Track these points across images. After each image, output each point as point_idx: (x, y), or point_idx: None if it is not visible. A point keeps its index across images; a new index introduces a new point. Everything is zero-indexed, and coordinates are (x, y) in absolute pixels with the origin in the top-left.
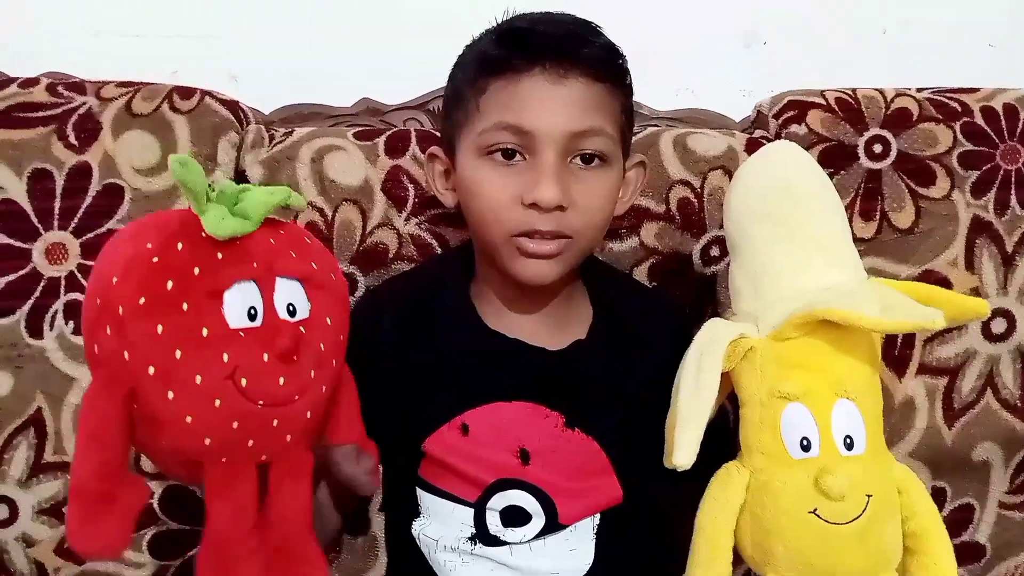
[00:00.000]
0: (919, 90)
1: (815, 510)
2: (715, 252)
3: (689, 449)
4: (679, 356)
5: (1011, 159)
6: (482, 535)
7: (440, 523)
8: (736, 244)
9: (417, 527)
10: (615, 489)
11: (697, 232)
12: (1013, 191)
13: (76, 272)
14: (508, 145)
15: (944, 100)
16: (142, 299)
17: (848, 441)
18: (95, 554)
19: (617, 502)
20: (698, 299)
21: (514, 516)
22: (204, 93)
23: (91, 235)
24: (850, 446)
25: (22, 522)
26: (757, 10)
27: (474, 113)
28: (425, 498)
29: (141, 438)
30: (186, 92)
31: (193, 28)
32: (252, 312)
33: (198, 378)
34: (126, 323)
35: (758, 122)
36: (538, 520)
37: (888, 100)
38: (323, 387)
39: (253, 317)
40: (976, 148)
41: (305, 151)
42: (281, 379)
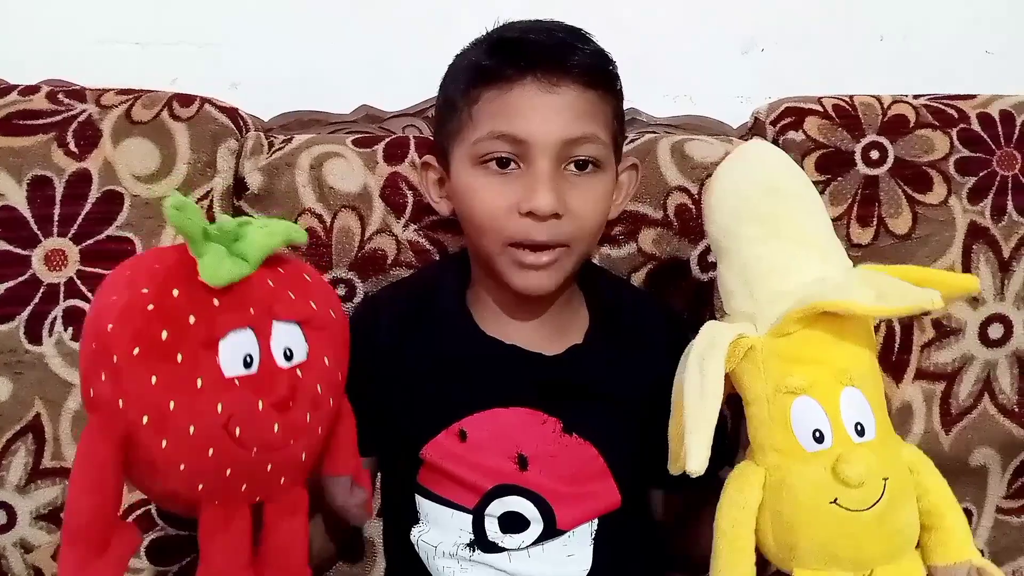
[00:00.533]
0: (916, 97)
1: (835, 500)
2: (712, 258)
3: (701, 455)
4: (676, 360)
5: (1008, 165)
6: (480, 541)
7: (439, 529)
8: (722, 246)
9: (416, 533)
10: (613, 494)
11: (695, 238)
12: (1010, 197)
13: (75, 279)
14: (502, 154)
15: (941, 107)
16: (136, 349)
17: (859, 428)
18: None
19: (615, 507)
20: (696, 305)
21: (512, 522)
22: (203, 100)
23: (91, 242)
24: (861, 432)
25: (20, 528)
26: (755, 17)
27: (467, 123)
28: (424, 504)
29: (137, 479)
30: (186, 99)
31: (193, 36)
32: (248, 360)
33: (191, 428)
34: (121, 371)
35: (755, 129)
36: (536, 526)
37: (885, 107)
38: (319, 428)
39: (249, 364)
40: (973, 154)
41: (304, 158)
42: (276, 426)
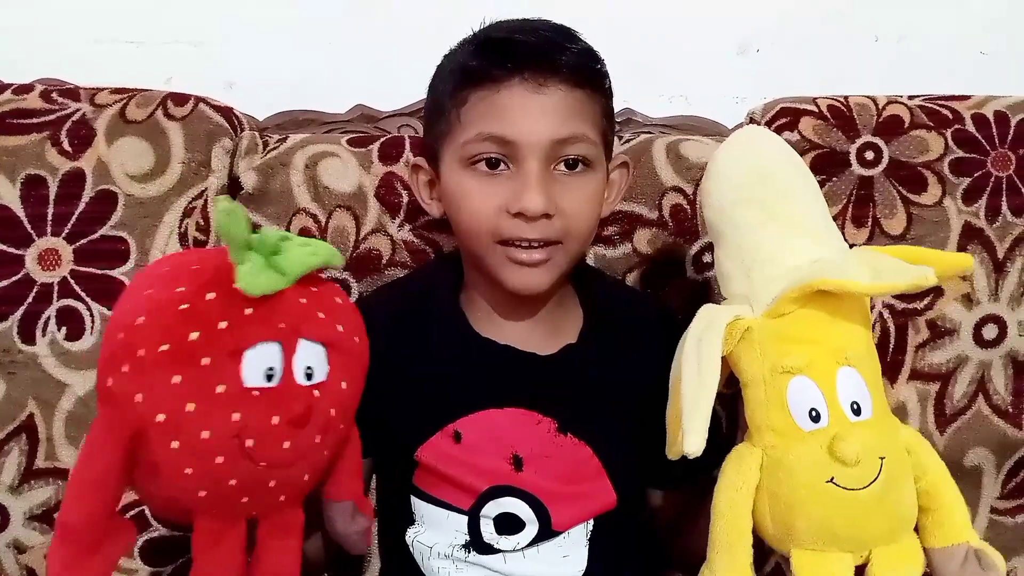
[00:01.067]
0: (911, 97)
1: (832, 479)
2: (708, 259)
3: (698, 436)
4: (671, 359)
5: (1002, 166)
6: (476, 543)
7: (434, 531)
8: (719, 230)
9: (411, 535)
10: (608, 494)
11: (690, 238)
12: (1004, 198)
13: (69, 278)
14: (491, 155)
15: (935, 107)
16: (165, 346)
17: (855, 407)
18: None
19: (611, 507)
20: (691, 305)
21: (508, 524)
22: (198, 100)
23: (84, 241)
24: (857, 411)
25: (13, 528)
26: (750, 18)
27: (456, 124)
28: (419, 506)
29: (138, 480)
30: (180, 99)
31: (188, 35)
32: (270, 373)
33: (205, 433)
34: (145, 366)
35: None
36: (531, 527)
37: (880, 107)
38: (325, 452)
39: (270, 378)
40: (967, 155)
41: (299, 157)
42: (287, 443)
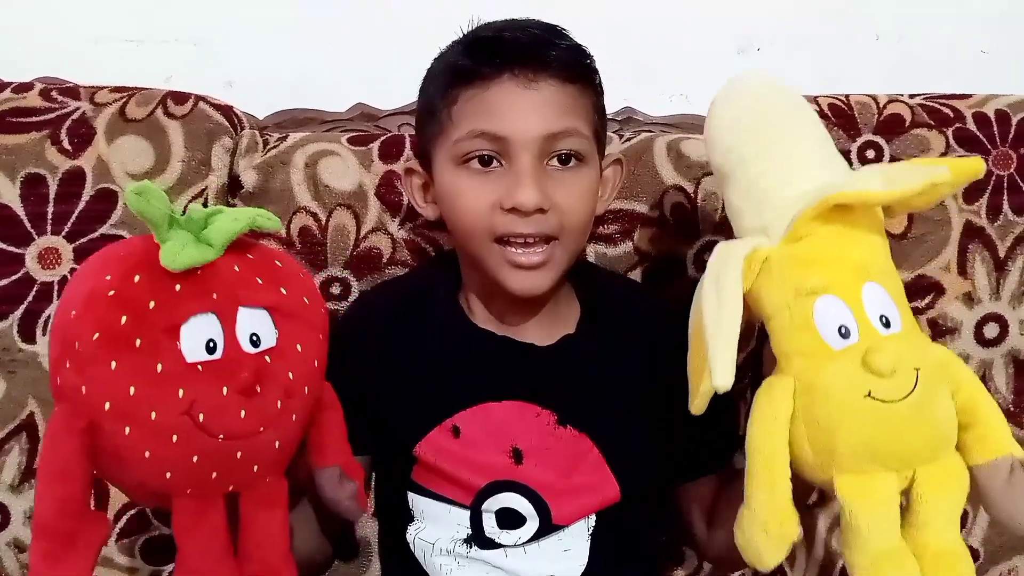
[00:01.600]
0: (912, 96)
1: (869, 393)
2: (708, 257)
3: (726, 369)
4: (670, 353)
5: (1003, 165)
6: (478, 537)
7: (435, 526)
8: (727, 170)
9: (412, 531)
10: (611, 487)
11: (690, 237)
12: (1005, 196)
13: (69, 277)
14: (484, 152)
15: (936, 106)
16: (96, 335)
17: (884, 320)
18: None
19: (614, 500)
20: (691, 304)
21: (509, 519)
22: (198, 98)
23: (84, 240)
24: (887, 325)
25: (13, 527)
26: (751, 17)
27: (447, 124)
28: (419, 502)
29: (106, 471)
30: (180, 97)
31: (188, 33)
32: (211, 345)
33: (153, 414)
34: (83, 358)
35: None
36: (532, 523)
37: (881, 106)
38: (293, 416)
39: (212, 350)
40: (968, 154)
41: (299, 156)
42: (242, 412)
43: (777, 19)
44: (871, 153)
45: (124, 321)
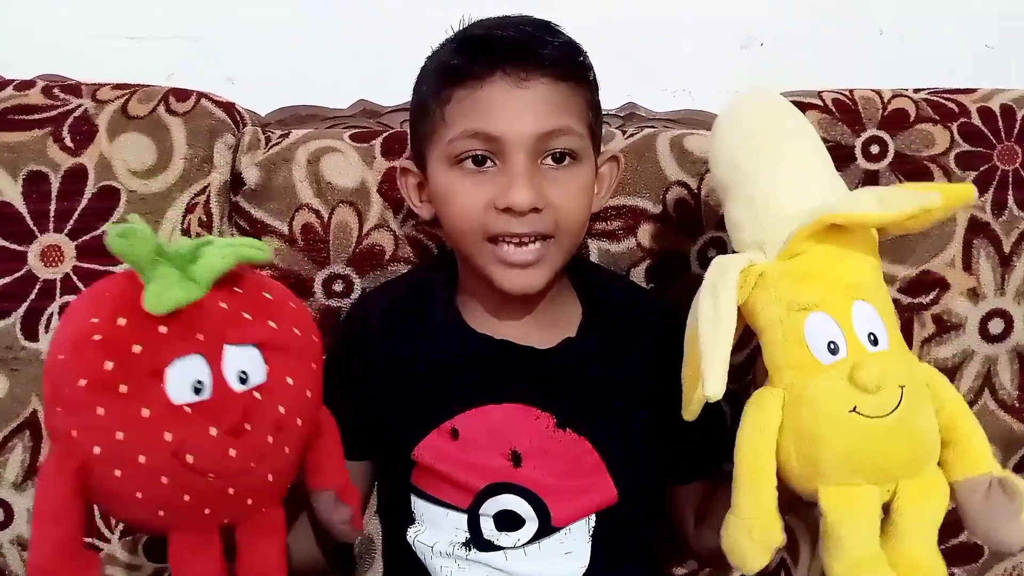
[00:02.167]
0: (916, 91)
1: (855, 408)
2: (712, 253)
3: (717, 378)
4: (672, 355)
5: (1008, 159)
6: (476, 540)
7: (434, 530)
8: (728, 185)
9: (412, 534)
10: (609, 489)
11: (694, 233)
12: (1010, 192)
13: (72, 274)
14: (477, 152)
15: (941, 101)
16: (83, 381)
17: (872, 338)
18: None
19: (611, 503)
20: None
21: (507, 521)
22: (200, 95)
23: (87, 237)
24: (875, 342)
25: (17, 525)
26: (754, 12)
27: (440, 123)
28: (419, 505)
29: (104, 507)
30: (182, 94)
31: (189, 30)
32: (198, 386)
33: (141, 458)
34: (72, 403)
35: None
36: (531, 524)
37: (885, 101)
38: (285, 449)
39: (199, 391)
40: (973, 149)
41: (301, 153)
42: (232, 451)
43: (780, 14)
44: (875, 148)
45: (109, 367)
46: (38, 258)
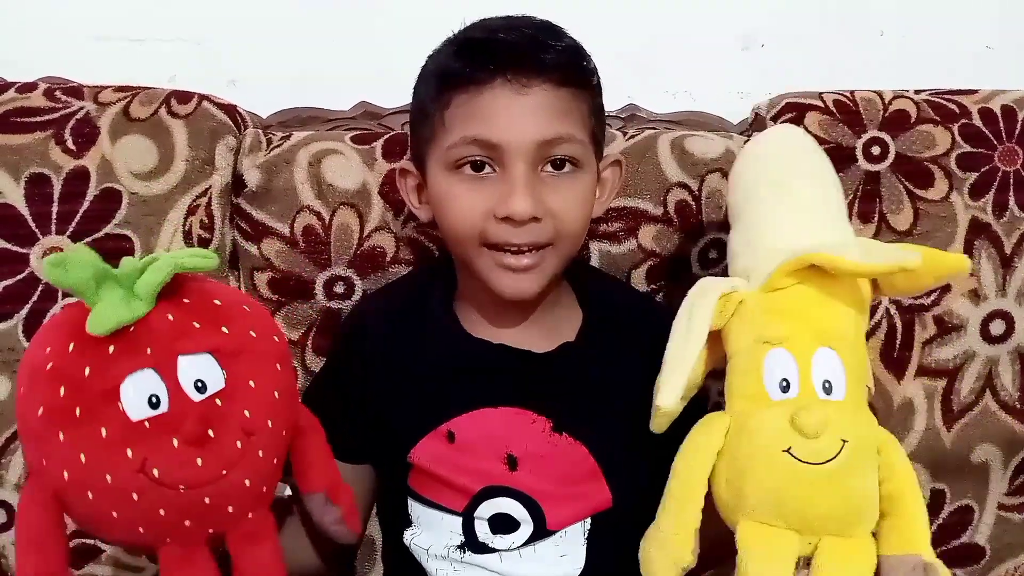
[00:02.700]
0: (917, 92)
1: (789, 449)
2: (713, 255)
3: (672, 391)
4: None
5: (1009, 160)
6: (471, 543)
7: (429, 532)
8: (739, 211)
9: (408, 536)
10: (604, 493)
11: (695, 235)
12: (1011, 193)
13: None
14: (476, 158)
15: (942, 102)
16: (40, 410)
17: (827, 386)
18: None
19: (607, 506)
20: None
21: (502, 523)
22: (202, 97)
23: (89, 240)
24: (828, 390)
25: None
26: (755, 13)
27: (440, 128)
28: (415, 508)
29: (88, 530)
30: (184, 96)
31: (191, 33)
32: (154, 400)
33: (108, 478)
34: (36, 433)
35: (756, 124)
36: (526, 527)
37: (886, 102)
38: (260, 452)
39: (156, 405)
40: (974, 150)
41: (303, 155)
42: (198, 460)
43: (781, 15)
44: (876, 149)
45: (63, 393)
46: (40, 260)
